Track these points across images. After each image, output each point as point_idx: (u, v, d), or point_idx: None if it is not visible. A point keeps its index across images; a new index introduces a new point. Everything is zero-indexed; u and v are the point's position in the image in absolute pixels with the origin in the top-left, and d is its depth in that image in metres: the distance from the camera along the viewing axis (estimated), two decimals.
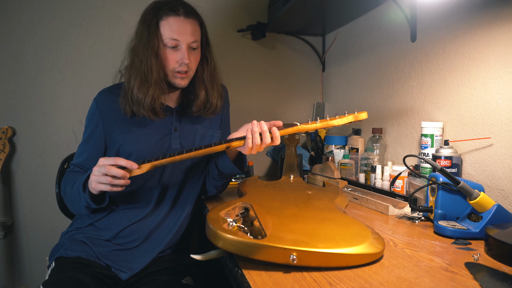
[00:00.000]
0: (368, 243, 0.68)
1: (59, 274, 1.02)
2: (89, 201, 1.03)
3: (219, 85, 1.22)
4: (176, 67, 1.10)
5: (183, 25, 1.08)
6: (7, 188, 1.70)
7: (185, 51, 1.09)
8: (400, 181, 1.23)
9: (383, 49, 1.58)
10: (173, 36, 1.07)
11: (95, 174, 0.97)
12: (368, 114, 1.08)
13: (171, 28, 1.07)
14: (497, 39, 1.05)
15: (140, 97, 1.08)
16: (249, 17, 1.98)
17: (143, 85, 1.08)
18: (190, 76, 1.15)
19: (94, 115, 1.15)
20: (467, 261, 0.70)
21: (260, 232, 0.72)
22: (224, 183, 1.26)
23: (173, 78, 1.12)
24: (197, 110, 1.18)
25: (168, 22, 1.08)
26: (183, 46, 1.09)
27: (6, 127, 1.66)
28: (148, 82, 1.08)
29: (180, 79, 1.12)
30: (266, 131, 1.01)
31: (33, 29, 1.70)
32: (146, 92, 1.08)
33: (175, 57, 1.09)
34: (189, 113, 1.21)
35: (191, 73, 1.15)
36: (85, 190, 1.02)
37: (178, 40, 1.08)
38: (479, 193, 0.84)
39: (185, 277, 1.12)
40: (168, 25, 1.08)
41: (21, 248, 1.73)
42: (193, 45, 1.11)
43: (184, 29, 1.08)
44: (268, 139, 1.02)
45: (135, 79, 1.08)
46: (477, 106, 1.12)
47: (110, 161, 0.96)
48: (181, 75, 1.12)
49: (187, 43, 1.09)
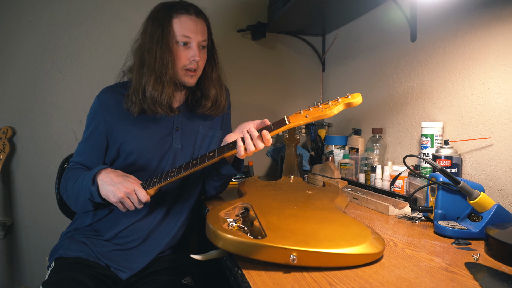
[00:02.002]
0: (368, 243, 0.68)
1: (58, 274, 1.02)
2: (94, 195, 1.02)
3: (224, 86, 1.26)
4: (186, 64, 1.13)
5: (195, 23, 1.12)
6: (7, 188, 1.70)
7: (196, 48, 1.12)
8: (400, 181, 1.23)
9: (383, 49, 1.58)
10: (185, 33, 1.10)
11: (120, 192, 0.99)
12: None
13: (183, 25, 1.10)
14: (497, 39, 1.05)
15: (156, 95, 1.09)
16: (249, 17, 1.98)
17: (158, 83, 1.09)
18: (198, 75, 1.17)
19: (96, 113, 1.15)
20: (467, 261, 0.70)
21: (260, 232, 0.72)
22: (222, 183, 1.26)
23: (183, 76, 1.14)
24: (206, 109, 1.20)
25: (181, 20, 1.11)
26: (194, 44, 1.12)
27: (6, 127, 1.66)
28: (163, 79, 1.09)
29: (190, 77, 1.15)
30: (256, 138, 0.98)
31: (33, 29, 1.70)
32: (162, 90, 1.09)
33: (186, 54, 1.12)
34: (193, 113, 1.22)
35: (199, 72, 1.17)
36: (94, 183, 1.02)
37: (190, 37, 1.11)
38: (479, 193, 0.84)
39: (185, 277, 1.12)
40: (180, 23, 1.10)
41: (21, 248, 1.73)
42: (203, 43, 1.14)
43: (195, 27, 1.11)
44: (260, 145, 0.98)
45: (149, 77, 1.09)
46: (477, 106, 1.12)
47: (132, 187, 1.00)
48: (191, 73, 1.14)
49: (198, 41, 1.12)
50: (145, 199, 1.00)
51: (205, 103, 1.20)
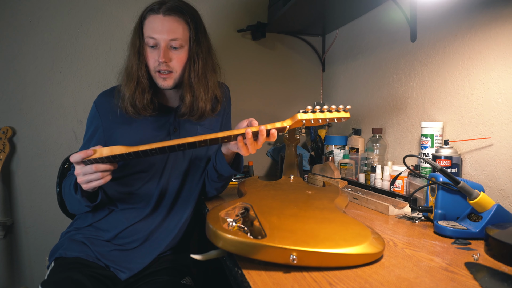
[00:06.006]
0: (368, 243, 0.68)
1: (57, 275, 1.02)
2: (83, 201, 1.03)
3: (211, 87, 1.16)
4: (156, 66, 1.10)
5: (161, 23, 1.07)
6: (7, 188, 1.70)
7: (162, 49, 1.07)
8: (400, 181, 1.23)
9: (383, 49, 1.58)
10: (150, 34, 1.08)
11: (81, 177, 0.94)
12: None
13: (149, 26, 1.09)
14: (497, 39, 1.05)
15: (125, 92, 1.11)
16: (249, 17, 1.98)
17: (128, 82, 1.11)
18: (174, 77, 1.11)
19: (94, 117, 1.16)
20: (467, 261, 0.70)
21: (260, 232, 0.72)
22: (223, 184, 1.26)
23: (157, 79, 1.12)
24: (182, 114, 1.15)
25: (149, 21, 1.09)
26: (162, 45, 1.07)
27: (6, 127, 1.66)
28: (131, 79, 1.10)
29: (163, 80, 1.10)
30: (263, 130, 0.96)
31: (33, 29, 1.70)
32: (128, 88, 1.10)
33: (154, 56, 1.09)
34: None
35: (176, 74, 1.11)
36: (77, 191, 1.02)
37: (155, 38, 1.07)
38: (479, 193, 0.84)
39: (185, 277, 1.12)
40: (148, 24, 1.09)
41: (21, 248, 1.73)
42: (173, 43, 1.08)
43: (161, 27, 1.07)
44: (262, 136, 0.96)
45: (123, 77, 1.13)
46: (477, 106, 1.12)
47: (82, 155, 0.92)
48: (163, 75, 1.10)
49: (165, 41, 1.07)
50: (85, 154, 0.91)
51: (182, 107, 1.15)
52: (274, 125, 0.97)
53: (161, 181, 1.17)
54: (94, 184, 0.95)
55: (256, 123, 0.99)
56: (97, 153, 0.92)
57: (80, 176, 0.94)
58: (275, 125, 0.97)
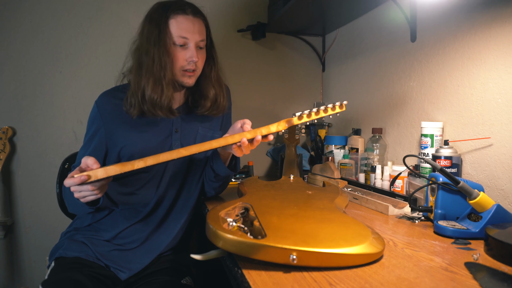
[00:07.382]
0: (368, 243, 0.68)
1: (57, 274, 1.02)
2: (86, 206, 1.00)
3: (224, 85, 1.25)
4: (184, 65, 1.11)
5: (192, 23, 1.10)
6: (7, 188, 1.70)
7: (193, 49, 1.10)
8: (400, 181, 1.23)
9: (383, 49, 1.58)
10: (182, 34, 1.09)
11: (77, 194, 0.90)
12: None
13: (180, 26, 1.09)
14: (497, 39, 1.05)
15: (156, 97, 1.08)
16: (249, 17, 1.98)
17: (157, 85, 1.08)
18: (197, 75, 1.16)
19: (96, 118, 1.15)
20: (467, 261, 0.70)
21: (260, 232, 0.72)
22: (221, 184, 1.26)
23: (181, 77, 1.13)
24: (205, 110, 1.19)
25: (177, 20, 1.09)
26: (192, 44, 1.10)
27: (6, 127, 1.66)
28: (162, 81, 1.08)
29: (188, 78, 1.13)
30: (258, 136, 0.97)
31: (33, 29, 1.70)
32: (161, 92, 1.08)
33: (183, 55, 1.10)
34: (192, 114, 1.21)
35: (198, 72, 1.16)
36: None
37: (187, 38, 1.09)
38: (479, 193, 0.84)
39: (185, 277, 1.12)
40: (177, 24, 1.09)
41: (21, 248, 1.73)
42: (201, 44, 1.13)
43: (192, 27, 1.10)
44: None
45: (147, 80, 1.08)
46: (477, 106, 1.12)
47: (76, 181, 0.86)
48: (189, 73, 1.13)
49: (195, 41, 1.10)
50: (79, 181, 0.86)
51: (204, 103, 1.19)
52: (269, 130, 0.97)
53: (161, 182, 1.17)
54: (92, 198, 0.93)
55: (248, 126, 0.98)
56: (92, 178, 0.88)
57: (76, 193, 0.91)
58: (270, 130, 0.97)
